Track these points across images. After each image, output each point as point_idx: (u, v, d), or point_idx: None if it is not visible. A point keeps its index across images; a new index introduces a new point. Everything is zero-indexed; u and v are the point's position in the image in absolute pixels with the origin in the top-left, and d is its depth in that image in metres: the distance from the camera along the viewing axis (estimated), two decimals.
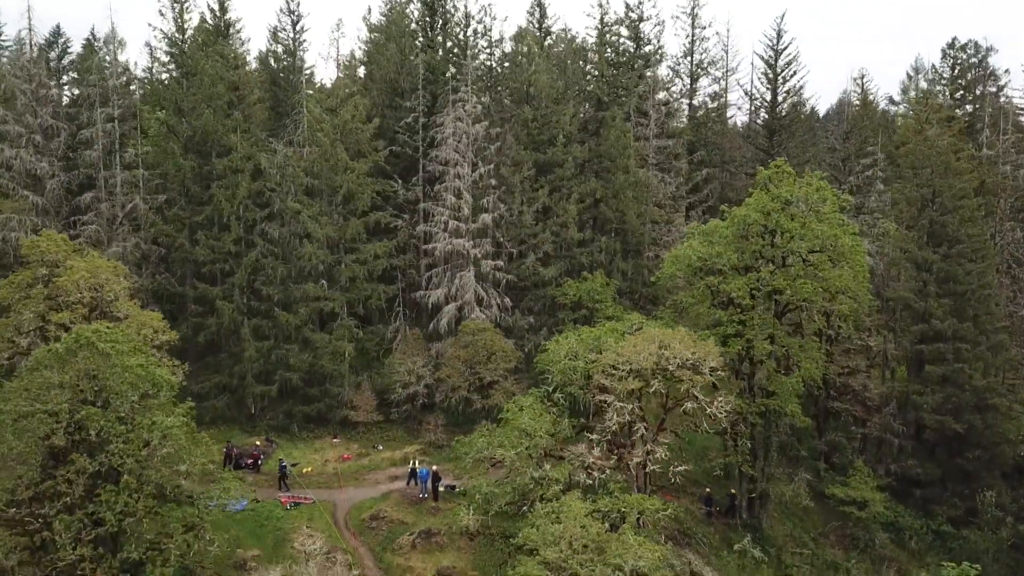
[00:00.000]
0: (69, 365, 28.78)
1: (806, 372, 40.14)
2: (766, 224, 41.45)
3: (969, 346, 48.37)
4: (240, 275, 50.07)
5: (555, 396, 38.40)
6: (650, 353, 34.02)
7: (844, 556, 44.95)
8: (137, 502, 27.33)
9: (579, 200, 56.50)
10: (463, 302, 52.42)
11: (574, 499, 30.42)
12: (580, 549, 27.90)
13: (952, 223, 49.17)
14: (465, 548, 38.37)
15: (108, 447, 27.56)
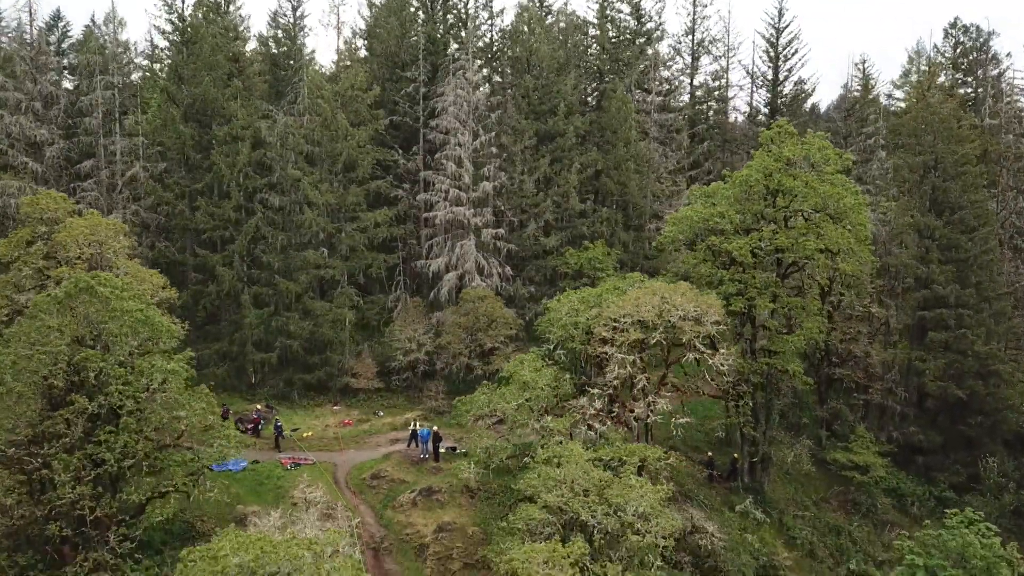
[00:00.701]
0: (68, 310, 28.63)
1: (808, 332, 39.92)
2: (768, 184, 41.27)
3: (971, 312, 48.19)
4: (240, 242, 49.93)
5: (556, 354, 38.22)
6: (652, 305, 33.84)
7: (846, 520, 44.79)
8: (137, 444, 27.19)
9: (580, 170, 56.35)
10: (464, 271, 52.28)
11: (575, 445, 30.25)
12: (581, 493, 27.71)
13: (954, 190, 48.99)
14: (466, 505, 38.24)
15: (107, 388, 27.42)
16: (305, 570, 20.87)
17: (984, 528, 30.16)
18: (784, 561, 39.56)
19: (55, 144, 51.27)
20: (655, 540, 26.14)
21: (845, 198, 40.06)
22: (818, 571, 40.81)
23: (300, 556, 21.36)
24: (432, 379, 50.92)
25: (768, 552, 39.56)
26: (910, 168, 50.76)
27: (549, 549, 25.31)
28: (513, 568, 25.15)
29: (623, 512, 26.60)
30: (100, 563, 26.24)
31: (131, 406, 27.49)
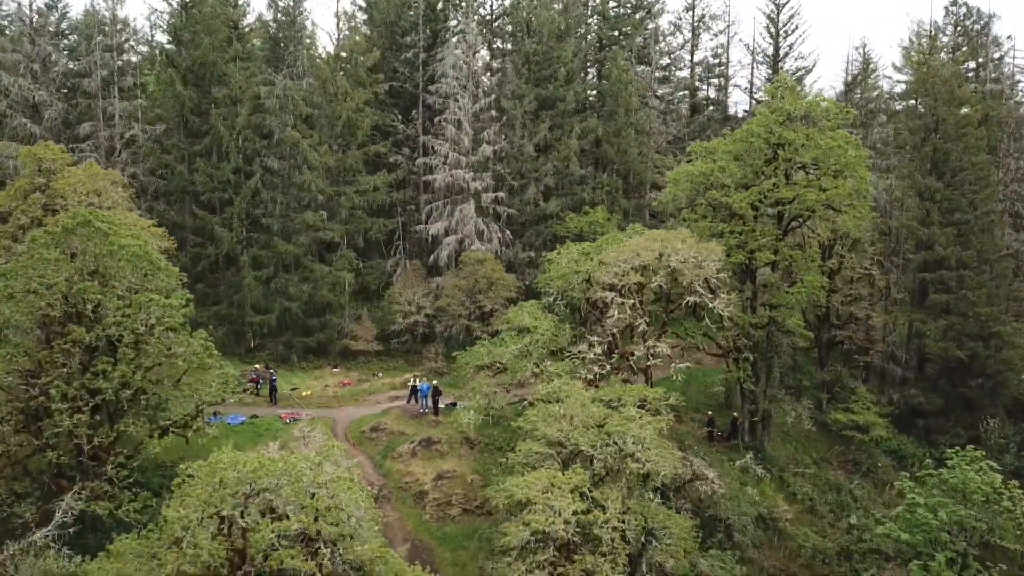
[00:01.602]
0: (66, 244, 28.49)
1: (809, 285, 39.75)
2: (769, 139, 41.09)
3: (972, 274, 48.03)
4: (239, 204, 49.73)
5: (556, 305, 38.05)
6: (652, 250, 33.70)
7: (846, 479, 44.67)
8: (134, 374, 27.01)
9: (580, 136, 56.19)
10: (463, 235, 52.11)
11: (575, 383, 30.12)
12: (580, 427, 27.55)
13: (955, 151, 48.81)
14: (466, 455, 38.14)
15: (105, 320, 27.26)
16: (304, 479, 20.73)
17: (985, 466, 30.02)
18: (784, 514, 39.46)
19: (54, 106, 51.07)
20: (655, 468, 25.97)
21: (847, 151, 39.89)
22: (818, 526, 40.69)
23: (298, 468, 21.23)
24: (432, 342, 50.76)
25: (768, 505, 39.45)
26: (911, 130, 50.63)
27: (549, 476, 25.18)
28: (513, 496, 24.99)
29: (622, 443, 26.42)
30: (97, 493, 26.07)
31: (129, 338, 27.32)
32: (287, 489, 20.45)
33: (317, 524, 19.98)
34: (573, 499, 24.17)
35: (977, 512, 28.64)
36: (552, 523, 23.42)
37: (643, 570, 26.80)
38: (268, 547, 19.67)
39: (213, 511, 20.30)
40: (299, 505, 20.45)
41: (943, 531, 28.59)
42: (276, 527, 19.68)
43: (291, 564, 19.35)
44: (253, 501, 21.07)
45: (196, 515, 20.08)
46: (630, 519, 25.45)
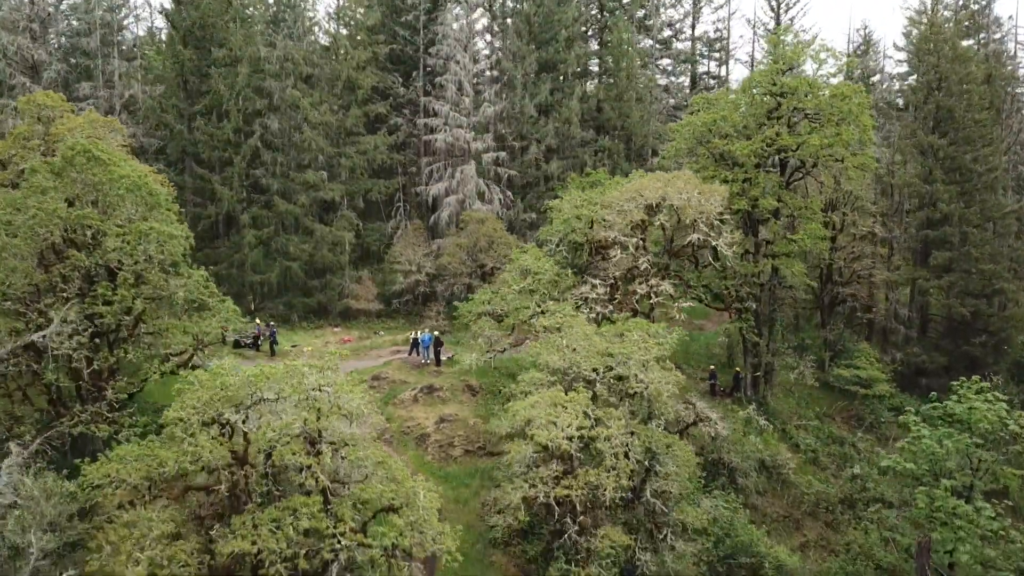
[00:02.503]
0: (66, 173, 28.31)
1: (812, 233, 39.57)
2: (771, 88, 40.90)
3: (975, 231, 47.86)
4: (239, 163, 49.50)
5: (558, 250, 37.85)
6: (655, 188, 33.50)
7: (849, 432, 44.48)
8: (134, 301, 26.82)
9: (581, 99, 56.03)
10: (464, 195, 51.93)
11: (578, 316, 29.91)
12: (584, 354, 27.33)
13: (958, 108, 48.62)
14: (467, 401, 37.98)
15: (105, 246, 27.08)
16: (306, 382, 20.56)
17: (991, 396, 29.80)
18: (787, 462, 39.27)
19: (53, 66, 50.87)
20: (658, 388, 25.77)
21: (850, 99, 39.69)
22: (821, 476, 40.51)
23: (301, 370, 21.07)
24: (433, 301, 50.59)
25: (771, 453, 39.25)
26: (913, 90, 50.42)
27: (552, 396, 24.99)
28: (516, 416, 24.79)
29: (625, 368, 26.22)
30: (96, 415, 25.88)
31: (129, 265, 27.14)
32: (288, 387, 20.27)
33: (319, 423, 19.81)
34: (576, 415, 23.98)
35: (983, 441, 28.42)
36: (555, 438, 23.23)
37: (647, 497, 26.61)
38: (269, 445, 19.49)
39: (214, 415, 20.11)
40: (301, 408, 20.27)
41: (948, 460, 28.41)
42: (278, 426, 19.50)
43: (292, 460, 19.17)
44: (255, 409, 20.90)
45: (197, 418, 19.89)
46: (633, 441, 25.24)
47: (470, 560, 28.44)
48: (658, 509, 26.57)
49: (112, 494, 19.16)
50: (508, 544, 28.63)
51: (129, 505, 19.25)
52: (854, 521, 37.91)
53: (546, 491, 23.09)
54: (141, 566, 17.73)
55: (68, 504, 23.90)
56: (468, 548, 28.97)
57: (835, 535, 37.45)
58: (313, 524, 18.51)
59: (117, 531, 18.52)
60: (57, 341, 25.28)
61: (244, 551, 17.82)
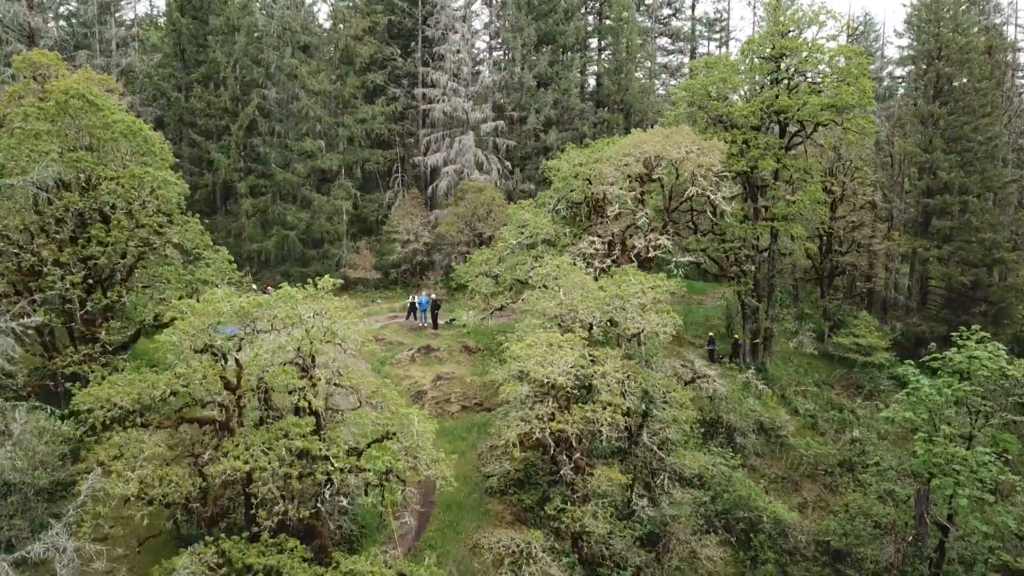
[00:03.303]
0: (60, 119, 28.10)
1: (812, 194, 39.35)
2: (772, 52, 40.66)
3: (975, 199, 47.63)
4: (236, 131, 49.30)
5: (556, 209, 37.61)
6: (654, 143, 33.28)
7: (848, 400, 44.24)
8: (128, 242, 26.61)
9: (581, 71, 55.80)
10: (462, 165, 51.72)
11: (575, 266, 29.65)
12: (580, 300, 27.09)
13: (959, 77, 48.39)
14: (464, 361, 37.78)
15: (99, 189, 26.87)
16: (299, 308, 20.37)
17: (993, 347, 29.55)
18: (786, 424, 39.04)
19: (50, 34, 50.65)
20: (655, 330, 25.54)
21: (851, 60, 39.47)
22: (820, 441, 40.27)
23: (294, 298, 20.88)
24: (430, 270, 50.41)
25: (770, 416, 39.02)
26: (914, 59, 50.18)
27: (548, 337, 24.76)
28: (515, 355, 24.56)
29: (623, 311, 25.99)
30: (90, 356, 25.66)
31: (123, 206, 26.93)
32: (282, 314, 20.07)
33: (312, 347, 19.61)
34: (572, 354, 23.76)
35: (983, 390, 28.20)
36: (551, 374, 23.01)
37: (644, 441, 26.40)
38: (261, 370, 19.28)
39: (206, 342, 19.89)
40: (294, 337, 20.07)
41: (947, 409, 28.19)
42: (270, 348, 19.31)
43: (284, 380, 18.97)
44: (248, 339, 20.70)
45: (189, 343, 19.68)
46: (630, 382, 25.03)
47: (466, 509, 28.28)
48: (655, 455, 26.35)
49: (103, 417, 18.93)
50: (504, 493, 28.40)
51: (120, 427, 19.04)
52: (853, 484, 37.67)
53: (541, 427, 22.86)
54: (131, 485, 17.52)
55: (60, 444, 23.76)
56: (464, 497, 28.83)
57: (833, 497, 37.20)
58: (306, 445, 18.30)
59: (107, 451, 18.31)
60: (49, 281, 25.06)
61: (236, 470, 17.60)
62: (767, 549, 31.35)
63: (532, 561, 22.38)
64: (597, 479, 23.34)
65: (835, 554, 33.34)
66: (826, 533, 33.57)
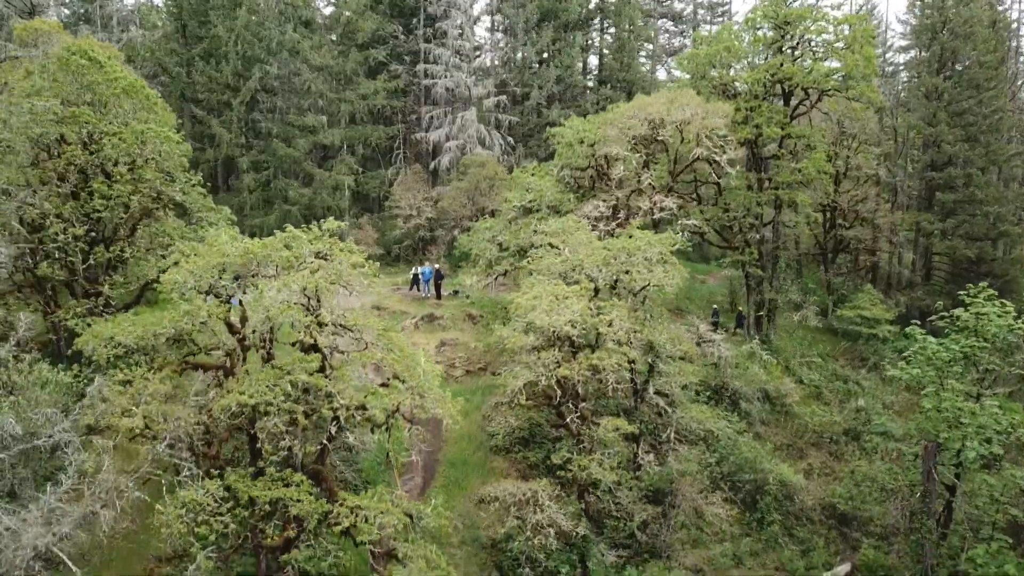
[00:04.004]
0: (61, 76, 27.93)
1: (816, 162, 39.16)
2: (775, 19, 40.49)
3: (980, 172, 47.42)
4: (238, 106, 49.10)
5: (560, 175, 37.42)
6: (659, 105, 33.10)
7: (853, 371, 44.07)
8: (131, 196, 26.45)
9: (583, 48, 55.61)
10: (464, 141, 51.55)
11: (580, 223, 29.49)
12: (586, 256, 26.92)
13: (964, 50, 48.18)
14: (468, 329, 37.64)
15: (101, 142, 26.71)
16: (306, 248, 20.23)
17: (1000, 304, 29.31)
18: (791, 393, 38.86)
19: (51, 7, 50.45)
20: (660, 282, 25.36)
21: (855, 27, 39.30)
22: (824, 410, 40.09)
23: (299, 238, 20.74)
24: (432, 245, 50.25)
25: (775, 385, 38.84)
26: (916, 32, 49.98)
27: (554, 289, 24.60)
28: (520, 307, 24.41)
29: (629, 263, 25.81)
30: (92, 310, 25.49)
31: (125, 160, 26.77)
32: (289, 255, 19.92)
33: (317, 285, 19.45)
34: (579, 303, 23.60)
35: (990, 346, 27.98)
36: (556, 322, 22.84)
37: (650, 395, 26.25)
38: (266, 310, 19.10)
39: (211, 283, 19.70)
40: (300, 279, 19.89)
41: (954, 365, 27.99)
42: (276, 285, 19.14)
43: (288, 318, 18.80)
44: (253, 282, 20.52)
45: (193, 283, 19.51)
46: (636, 336, 24.84)
47: (471, 466, 28.15)
48: (662, 409, 26.19)
49: (107, 355, 18.76)
50: (509, 451, 28.27)
51: (124, 365, 18.89)
52: (859, 452, 37.49)
53: (547, 375, 22.69)
54: (136, 419, 17.36)
55: (63, 395, 23.60)
56: (469, 456, 28.72)
57: (839, 464, 37.03)
58: (312, 381, 18.14)
59: (111, 387, 18.16)
60: (51, 233, 24.91)
61: (241, 405, 17.43)
62: (773, 511, 31.20)
63: (539, 509, 22.22)
64: (603, 429, 23.17)
65: (841, 517, 33.20)
66: (832, 497, 33.44)
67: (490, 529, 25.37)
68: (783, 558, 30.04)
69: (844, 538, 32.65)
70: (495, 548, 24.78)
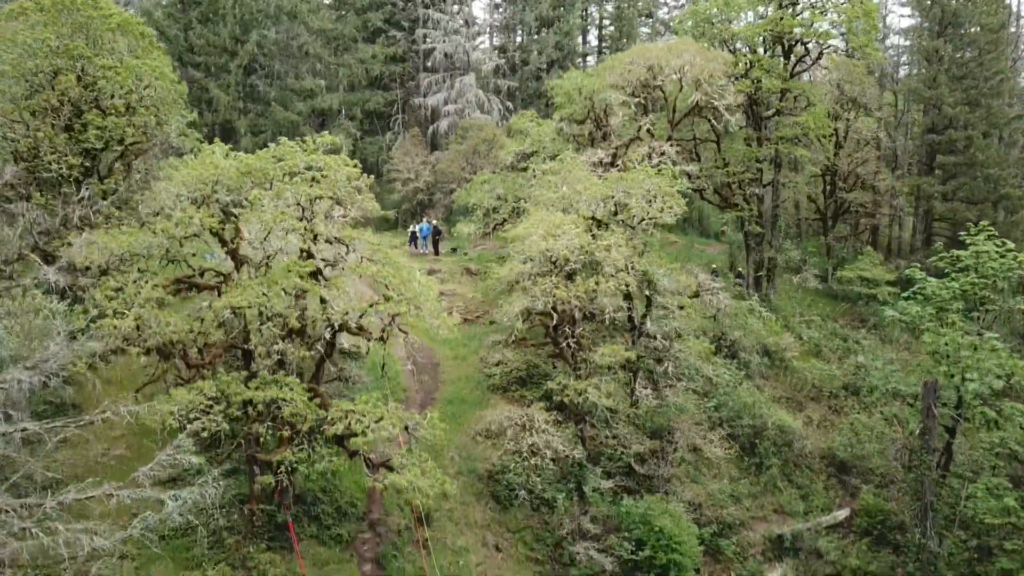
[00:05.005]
0: (54, 13, 27.73)
1: (817, 115, 38.99)
2: None
3: (980, 135, 47.20)
4: (236, 69, 48.86)
5: (559, 126, 37.20)
6: (660, 52, 32.91)
7: (853, 331, 43.88)
8: (126, 128, 26.27)
9: (583, 16, 55.43)
10: (463, 105, 51.36)
11: (578, 159, 29.28)
12: (584, 191, 26.71)
13: (964, 12, 47.95)
14: (466, 282, 37.51)
15: (95, 76, 26.53)
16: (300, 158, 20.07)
17: (1000, 242, 29.13)
18: (791, 347, 38.67)
19: None
20: (659, 215, 25.17)
21: None
22: (824, 366, 39.89)
23: (294, 152, 20.56)
24: (430, 208, 50.04)
25: (775, 339, 38.66)
26: None
27: (552, 217, 24.43)
28: (518, 237, 24.24)
29: (628, 195, 25.64)
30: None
31: (120, 94, 26.58)
32: (284, 167, 19.76)
33: (312, 189, 19.29)
34: (576, 228, 23.43)
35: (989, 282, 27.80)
36: (554, 247, 22.67)
37: (648, 328, 26.08)
38: (259, 219, 18.94)
39: (205, 194, 19.54)
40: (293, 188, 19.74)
41: (955, 302, 27.82)
42: (269, 194, 18.98)
43: (283, 224, 18.62)
44: (247, 200, 20.35)
45: (186, 193, 19.35)
46: (633, 268, 24.65)
47: (468, 403, 27.98)
48: (660, 343, 26.03)
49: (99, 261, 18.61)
50: (506, 390, 28.10)
51: (116, 271, 18.73)
52: (858, 407, 37.32)
53: (545, 300, 22.52)
54: (128, 320, 17.20)
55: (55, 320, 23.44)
56: (466, 394, 28.55)
57: (838, 417, 36.83)
58: (304, 285, 17.98)
59: (103, 291, 17.99)
60: (46, 162, 24.74)
61: (235, 307, 17.26)
62: (772, 455, 31.06)
63: (535, 431, 22.06)
64: (601, 355, 23.01)
65: (840, 466, 33.07)
66: (831, 445, 33.32)
67: (487, 462, 25.23)
68: (782, 500, 29.92)
69: (843, 485, 32.52)
70: (491, 479, 24.64)
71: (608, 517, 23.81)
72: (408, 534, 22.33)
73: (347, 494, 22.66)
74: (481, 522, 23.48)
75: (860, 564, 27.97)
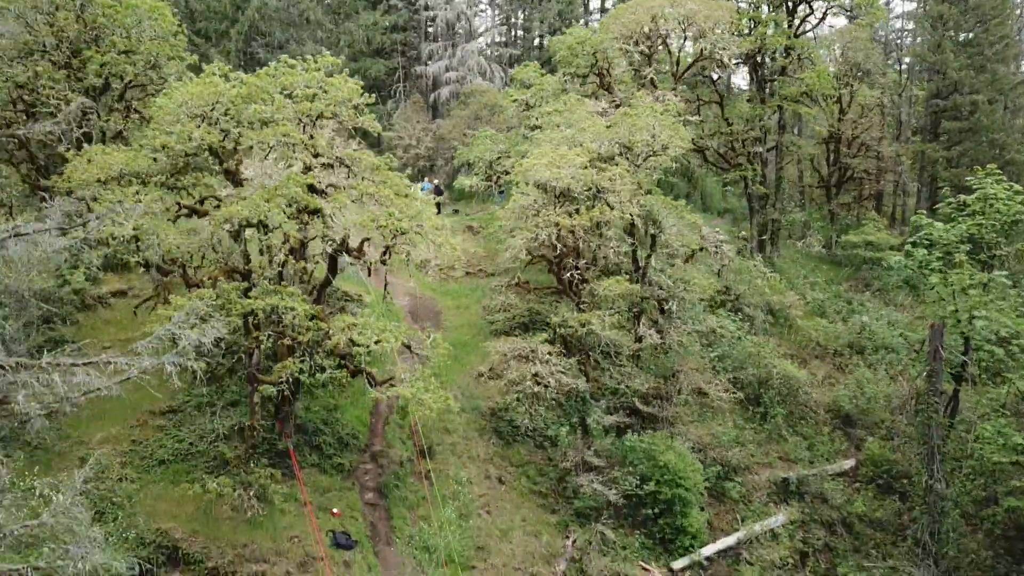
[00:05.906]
0: None
1: (820, 73, 38.72)
2: None
3: (986, 100, 46.89)
4: (236, 35, 48.61)
5: (561, 80, 36.89)
6: (661, 3, 32.62)
7: (857, 295, 43.61)
8: (125, 65, 26.02)
9: None
10: (465, 73, 51.07)
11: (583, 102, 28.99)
12: (588, 125, 26.42)
13: None
14: (468, 239, 37.21)
15: (94, 13, 26.29)
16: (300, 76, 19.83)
17: (1008, 185, 28.82)
18: (795, 305, 38.40)
19: None
20: (664, 150, 24.90)
21: None
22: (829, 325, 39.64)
23: (294, 68, 20.31)
24: (431, 174, 49.75)
25: (779, 298, 38.39)
26: None
27: (555, 151, 24.17)
28: (522, 170, 23.98)
29: (633, 132, 25.36)
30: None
31: (120, 33, 26.34)
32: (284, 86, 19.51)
33: (311, 105, 19.04)
34: (581, 159, 23.18)
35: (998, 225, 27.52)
36: (559, 176, 22.42)
37: (652, 268, 25.82)
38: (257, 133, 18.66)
39: (204, 111, 19.24)
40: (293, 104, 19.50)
41: (961, 245, 27.54)
42: (269, 109, 18.72)
43: (284, 135, 18.36)
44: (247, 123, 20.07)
45: (185, 110, 19.08)
46: (638, 202, 24.38)
47: (470, 348, 27.75)
48: (664, 283, 25.78)
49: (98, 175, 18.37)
50: (508, 334, 27.81)
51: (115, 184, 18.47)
52: (863, 364, 37.04)
53: (548, 232, 22.27)
54: (125, 228, 16.96)
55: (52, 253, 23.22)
56: (468, 339, 28.33)
57: (842, 375, 36.58)
58: (303, 197, 17.72)
59: (102, 204, 17.73)
60: (44, 95, 24.52)
61: (233, 216, 17.01)
62: (776, 405, 30.82)
63: (538, 361, 21.83)
64: (605, 287, 22.75)
65: (845, 419, 32.81)
66: (836, 397, 33.08)
67: (490, 400, 25.02)
68: (786, 448, 29.67)
69: (848, 438, 32.23)
70: (495, 416, 24.43)
71: (612, 453, 23.58)
72: (410, 466, 22.13)
73: (348, 427, 22.46)
74: (484, 456, 23.27)
75: (866, 510, 27.74)
